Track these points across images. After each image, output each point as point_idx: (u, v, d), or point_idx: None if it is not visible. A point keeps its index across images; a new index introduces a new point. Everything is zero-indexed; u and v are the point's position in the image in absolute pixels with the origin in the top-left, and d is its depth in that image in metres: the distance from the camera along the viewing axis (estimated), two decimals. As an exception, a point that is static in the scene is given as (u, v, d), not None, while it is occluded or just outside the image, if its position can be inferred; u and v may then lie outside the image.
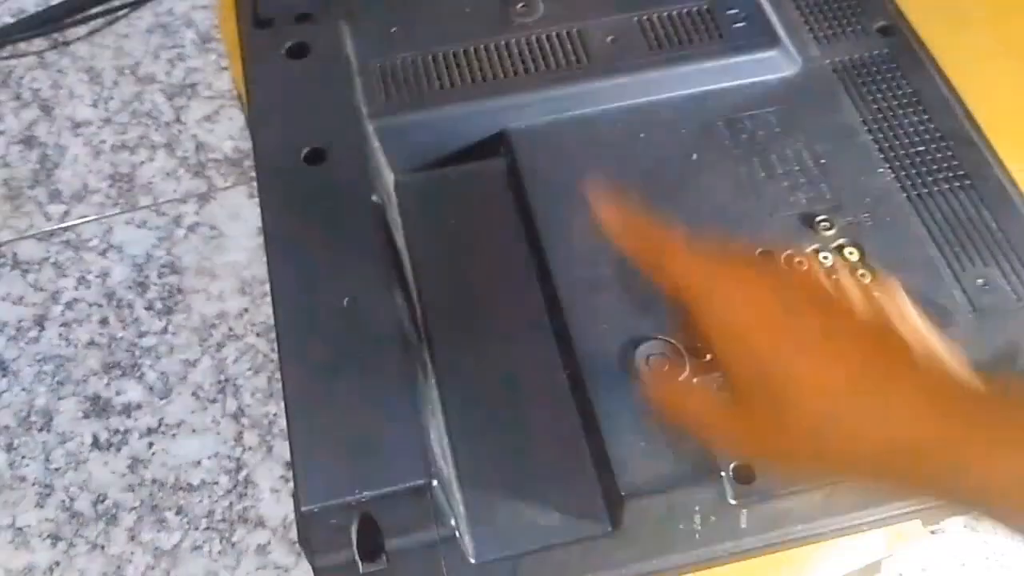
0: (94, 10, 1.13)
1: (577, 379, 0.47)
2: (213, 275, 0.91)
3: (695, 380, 0.43)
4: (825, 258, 0.49)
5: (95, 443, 0.83)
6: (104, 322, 0.90)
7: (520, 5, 0.59)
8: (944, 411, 0.32)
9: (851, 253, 0.50)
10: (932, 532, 0.49)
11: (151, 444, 0.83)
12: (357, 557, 0.40)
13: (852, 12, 0.62)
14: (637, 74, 0.57)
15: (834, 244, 0.50)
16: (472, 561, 0.43)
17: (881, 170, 0.53)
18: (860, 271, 0.49)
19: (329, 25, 0.57)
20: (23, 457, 0.83)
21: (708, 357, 0.46)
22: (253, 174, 0.87)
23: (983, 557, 0.75)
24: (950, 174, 0.53)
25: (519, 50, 0.57)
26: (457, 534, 0.42)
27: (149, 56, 1.10)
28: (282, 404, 0.43)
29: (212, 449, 0.82)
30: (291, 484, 0.45)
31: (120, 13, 1.14)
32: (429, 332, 0.49)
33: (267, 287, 0.47)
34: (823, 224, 0.51)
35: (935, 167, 0.54)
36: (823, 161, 0.54)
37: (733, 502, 0.44)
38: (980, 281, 0.49)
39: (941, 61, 0.60)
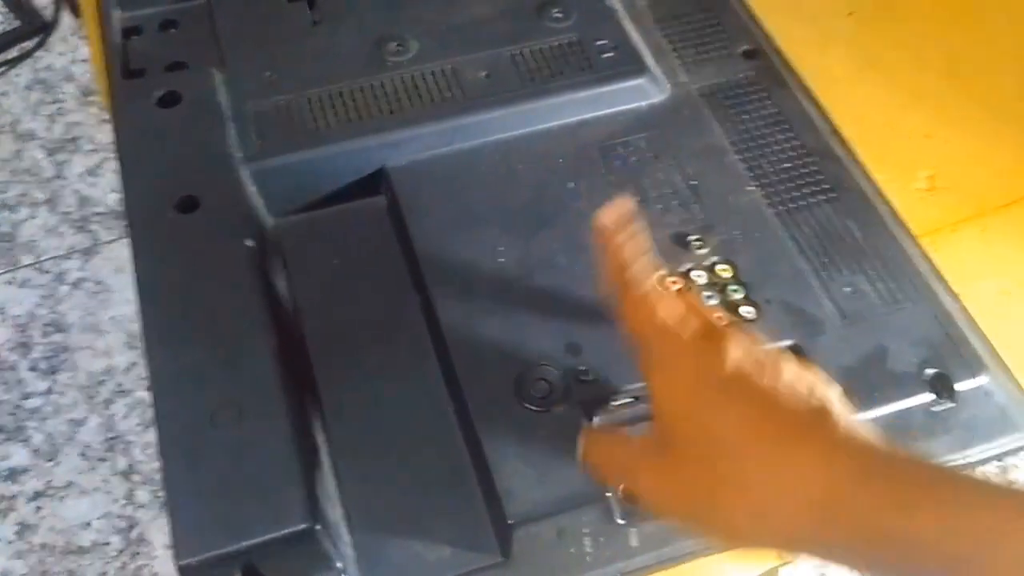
0: (-31, 70, 1.11)
1: (463, 411, 0.47)
2: (99, 331, 0.89)
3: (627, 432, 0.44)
4: (699, 276, 0.50)
5: (-19, 511, 0.80)
6: (-13, 387, 0.87)
7: (394, 45, 0.60)
8: (860, 469, 0.34)
9: (724, 270, 0.51)
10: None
11: (39, 508, 0.80)
12: (242, 608, 0.39)
13: (717, 38, 0.64)
14: (511, 107, 0.57)
15: (707, 262, 0.51)
16: (363, 602, 0.42)
17: (750, 188, 0.55)
18: (732, 286, 0.50)
19: (201, 73, 0.57)
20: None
21: (591, 377, 0.47)
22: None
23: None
24: (815, 188, 0.55)
25: (394, 89, 0.58)
26: (345, 576, 0.41)
27: (28, 113, 1.08)
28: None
29: (102, 509, 0.79)
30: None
31: (-3, 71, 1.12)
32: (314, 373, 0.49)
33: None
34: (696, 243, 0.52)
35: (801, 182, 0.56)
36: (694, 182, 0.55)
37: (621, 522, 0.44)
38: (848, 289, 0.51)
39: (808, 80, 0.62)
